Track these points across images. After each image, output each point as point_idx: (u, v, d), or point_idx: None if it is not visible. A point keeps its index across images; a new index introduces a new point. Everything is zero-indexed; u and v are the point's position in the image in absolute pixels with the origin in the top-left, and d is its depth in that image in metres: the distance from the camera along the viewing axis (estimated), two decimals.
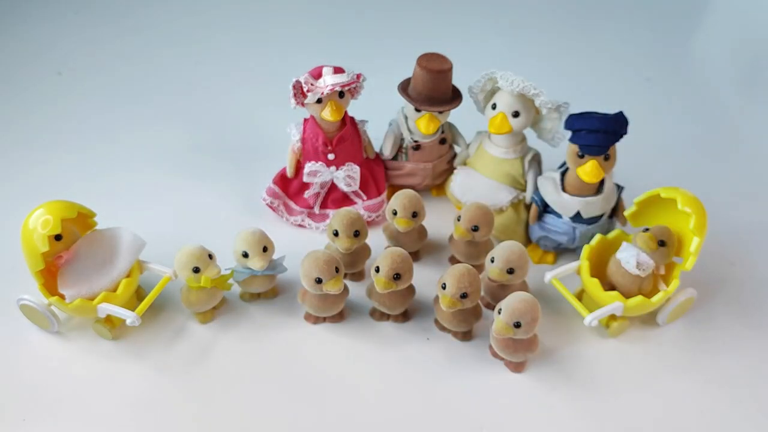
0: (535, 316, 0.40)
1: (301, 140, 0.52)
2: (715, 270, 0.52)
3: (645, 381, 0.44)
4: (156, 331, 0.46)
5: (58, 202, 0.42)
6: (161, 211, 0.56)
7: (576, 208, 0.49)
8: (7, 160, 0.61)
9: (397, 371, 0.44)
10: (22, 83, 0.72)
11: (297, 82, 0.48)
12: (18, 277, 0.47)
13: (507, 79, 0.46)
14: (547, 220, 0.51)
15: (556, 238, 0.51)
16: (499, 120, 0.48)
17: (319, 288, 0.43)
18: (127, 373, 0.43)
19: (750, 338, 0.47)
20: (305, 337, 0.46)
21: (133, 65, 0.76)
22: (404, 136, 0.55)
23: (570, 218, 0.50)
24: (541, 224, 0.51)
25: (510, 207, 0.53)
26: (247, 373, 0.44)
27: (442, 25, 0.85)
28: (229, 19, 0.85)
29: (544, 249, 0.53)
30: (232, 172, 0.60)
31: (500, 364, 0.45)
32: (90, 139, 0.64)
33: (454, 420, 0.41)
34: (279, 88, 0.52)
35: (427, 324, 0.47)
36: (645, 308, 0.45)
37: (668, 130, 0.65)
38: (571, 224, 0.50)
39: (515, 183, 0.53)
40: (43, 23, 0.82)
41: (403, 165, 0.56)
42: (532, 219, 0.52)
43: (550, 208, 0.51)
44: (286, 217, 0.55)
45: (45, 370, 0.44)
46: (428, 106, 0.51)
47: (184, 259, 0.44)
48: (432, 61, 0.50)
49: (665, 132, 0.65)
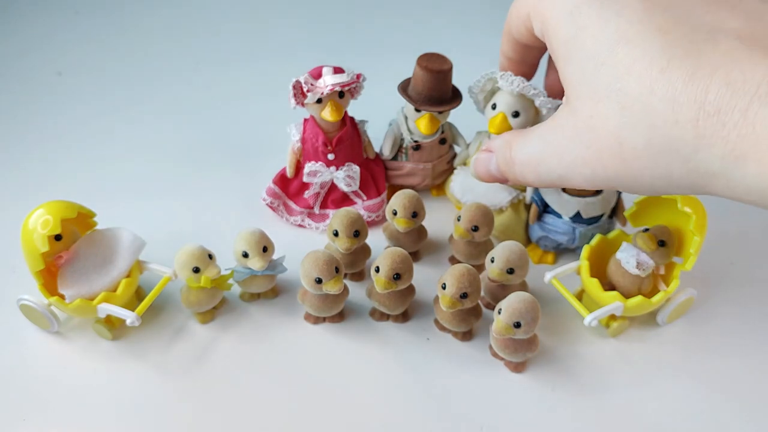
0: (535, 316, 0.40)
1: (300, 140, 0.52)
2: (715, 270, 0.52)
3: (645, 381, 0.44)
4: (156, 331, 0.46)
5: (58, 202, 0.42)
6: (161, 211, 0.56)
7: (576, 208, 0.49)
8: (6, 160, 0.61)
9: (397, 371, 0.44)
10: (22, 83, 0.72)
11: (297, 82, 0.48)
12: (18, 277, 0.47)
13: (507, 79, 0.46)
14: (547, 220, 0.51)
15: (556, 238, 0.51)
16: (499, 120, 0.48)
17: (319, 288, 0.43)
18: (126, 373, 0.43)
19: (750, 338, 0.47)
20: (305, 337, 0.46)
21: (134, 65, 0.76)
22: (404, 136, 0.55)
23: (570, 218, 0.50)
24: (540, 224, 0.51)
25: (509, 207, 0.53)
26: (247, 373, 0.44)
27: (441, 24, 0.85)
28: (229, 20, 0.85)
29: (544, 249, 0.53)
30: (232, 172, 0.60)
31: (500, 364, 0.45)
32: (90, 139, 0.64)
33: (454, 420, 0.41)
34: (279, 89, 0.52)
35: (427, 324, 0.47)
36: (645, 308, 0.45)
37: None
38: (571, 224, 0.50)
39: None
40: (43, 23, 0.82)
41: (403, 165, 0.56)
42: (532, 219, 0.52)
43: (550, 209, 0.51)
44: (286, 217, 0.55)
45: (45, 370, 0.44)
46: (428, 106, 0.51)
47: (184, 259, 0.44)
48: (432, 61, 0.50)
49: None
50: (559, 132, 0.33)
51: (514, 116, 0.49)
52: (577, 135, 0.32)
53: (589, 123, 0.31)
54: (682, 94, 0.27)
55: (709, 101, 0.26)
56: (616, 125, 0.29)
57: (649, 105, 0.28)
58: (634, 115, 0.29)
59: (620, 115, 0.29)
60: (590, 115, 0.31)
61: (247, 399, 0.42)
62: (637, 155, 0.29)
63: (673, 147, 0.28)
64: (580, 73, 0.31)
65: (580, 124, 0.32)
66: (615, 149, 0.30)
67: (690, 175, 0.28)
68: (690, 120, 0.27)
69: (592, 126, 0.31)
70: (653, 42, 0.28)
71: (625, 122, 0.29)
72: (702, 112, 0.26)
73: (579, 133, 0.32)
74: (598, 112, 0.30)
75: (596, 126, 0.31)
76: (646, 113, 0.28)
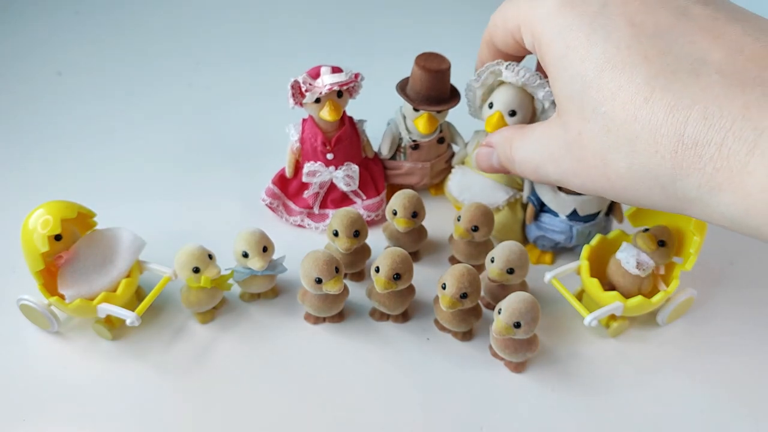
0: (535, 316, 0.40)
1: (299, 140, 0.52)
2: (715, 270, 0.52)
3: (645, 381, 0.44)
4: (156, 331, 0.46)
5: (58, 202, 0.42)
6: (161, 211, 0.56)
7: (572, 206, 0.49)
8: (6, 160, 0.61)
9: (397, 371, 0.44)
10: (22, 83, 0.72)
11: (295, 82, 0.48)
12: (18, 277, 0.47)
13: (513, 69, 0.46)
14: (544, 220, 0.51)
15: (553, 237, 0.51)
16: (495, 119, 0.48)
17: (319, 288, 0.43)
18: (126, 373, 0.43)
19: (750, 338, 0.47)
20: (305, 337, 0.46)
21: (134, 65, 0.76)
22: (402, 136, 0.55)
23: (567, 216, 0.50)
24: (537, 224, 0.51)
25: (506, 206, 0.53)
26: (247, 373, 0.44)
27: (440, 24, 0.85)
28: (229, 20, 0.85)
29: (542, 249, 0.53)
30: (232, 172, 0.60)
31: (500, 364, 0.45)
32: (90, 139, 0.64)
33: (454, 420, 0.41)
34: (278, 89, 0.52)
35: (427, 324, 0.47)
36: (645, 308, 0.45)
37: None
38: (568, 223, 0.50)
39: (512, 182, 0.54)
40: (43, 23, 0.82)
41: (402, 164, 0.56)
42: (528, 219, 0.52)
43: (546, 207, 0.51)
44: (286, 218, 0.55)
45: (45, 370, 0.44)
46: (427, 105, 0.51)
47: (184, 259, 0.44)
48: (430, 60, 0.50)
49: None
50: (553, 141, 0.35)
51: (510, 115, 0.49)
52: (569, 148, 0.34)
53: (578, 139, 0.33)
54: (663, 125, 0.28)
55: (687, 134, 0.27)
56: (602, 146, 0.31)
57: (633, 132, 0.29)
58: (617, 140, 0.30)
59: (606, 137, 0.31)
60: (579, 131, 0.32)
61: (247, 399, 0.42)
62: (620, 176, 0.31)
63: (653, 174, 0.29)
64: (569, 91, 0.33)
65: (570, 138, 0.33)
66: (601, 168, 0.32)
67: (669, 200, 0.30)
68: (669, 151, 0.28)
69: (580, 143, 0.33)
70: (639, 70, 0.29)
71: (610, 145, 0.31)
72: (680, 144, 0.28)
73: (570, 147, 0.33)
74: (586, 131, 0.32)
75: (584, 144, 0.32)
76: (629, 140, 0.29)
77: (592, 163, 0.32)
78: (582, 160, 0.33)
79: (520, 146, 0.38)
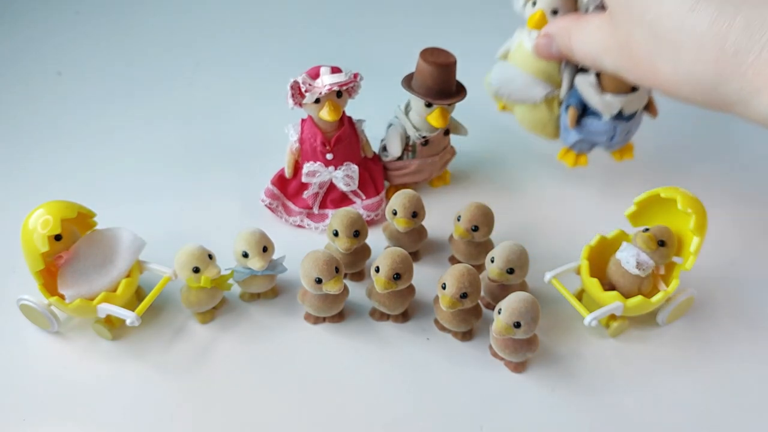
0: (535, 316, 0.40)
1: (299, 140, 0.52)
2: (715, 270, 0.52)
3: (645, 381, 0.44)
4: (156, 331, 0.46)
5: (58, 202, 0.42)
6: (161, 211, 0.56)
7: (619, 107, 0.51)
8: (6, 160, 0.61)
9: (397, 371, 0.44)
10: (22, 83, 0.72)
11: (294, 83, 0.48)
12: (18, 277, 0.47)
13: None
14: (586, 123, 0.53)
15: (595, 139, 0.53)
16: (537, 17, 0.50)
17: (319, 288, 0.43)
18: (126, 373, 0.43)
19: (750, 338, 0.47)
20: (305, 337, 0.46)
21: (134, 65, 0.76)
22: (410, 134, 0.54)
23: (612, 117, 0.52)
24: (579, 128, 0.53)
25: (543, 102, 0.54)
26: (247, 373, 0.44)
27: (438, 24, 0.85)
28: (229, 21, 0.85)
29: (579, 152, 0.54)
30: (232, 172, 0.60)
31: (500, 364, 0.45)
32: (90, 139, 0.64)
33: (454, 420, 0.41)
34: (278, 89, 0.52)
35: (427, 324, 0.47)
36: (645, 308, 0.45)
37: (668, 130, 0.65)
38: (612, 123, 0.52)
39: (551, 79, 0.54)
40: (43, 23, 0.82)
41: (409, 163, 0.56)
42: (571, 122, 0.53)
43: (588, 111, 0.52)
44: (285, 218, 0.55)
45: (45, 370, 0.44)
46: (440, 99, 0.51)
47: (184, 259, 0.44)
48: (437, 55, 0.50)
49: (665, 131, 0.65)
50: (608, 37, 0.39)
51: (553, 13, 0.50)
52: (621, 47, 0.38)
53: (628, 41, 0.37)
54: (706, 35, 0.31)
55: (729, 43, 0.30)
56: (649, 51, 0.35)
57: (678, 41, 0.32)
58: (663, 46, 0.34)
59: (653, 43, 0.34)
60: (629, 34, 0.36)
61: (247, 399, 0.42)
62: (667, 79, 0.35)
63: (695, 79, 0.33)
64: None
65: (622, 39, 0.37)
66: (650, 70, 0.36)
67: (712, 101, 0.33)
68: (711, 60, 0.31)
69: (630, 45, 0.36)
70: None
71: (657, 51, 0.34)
72: (722, 52, 0.30)
73: (622, 47, 0.38)
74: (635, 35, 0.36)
75: (634, 48, 0.36)
76: (674, 47, 0.33)
77: (643, 64, 0.36)
78: (633, 59, 0.37)
79: (578, 38, 0.42)
